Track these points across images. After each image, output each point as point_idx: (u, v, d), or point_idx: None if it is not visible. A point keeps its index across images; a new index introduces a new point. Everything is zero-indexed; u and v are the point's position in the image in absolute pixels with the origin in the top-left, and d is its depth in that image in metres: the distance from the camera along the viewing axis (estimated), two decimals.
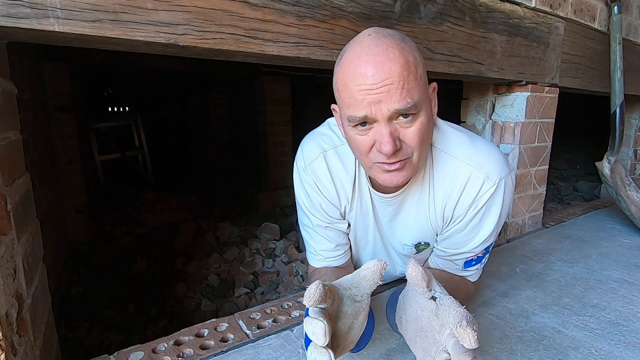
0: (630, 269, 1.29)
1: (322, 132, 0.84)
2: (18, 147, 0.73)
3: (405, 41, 0.62)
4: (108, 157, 4.02)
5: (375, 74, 0.58)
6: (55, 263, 1.81)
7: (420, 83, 0.61)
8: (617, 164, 1.72)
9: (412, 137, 0.63)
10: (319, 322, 0.51)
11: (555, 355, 0.82)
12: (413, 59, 0.60)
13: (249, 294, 1.90)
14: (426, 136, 0.65)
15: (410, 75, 0.59)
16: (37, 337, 0.71)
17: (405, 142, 0.64)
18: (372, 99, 0.59)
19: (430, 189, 0.77)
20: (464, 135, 0.77)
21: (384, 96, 0.59)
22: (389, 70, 0.58)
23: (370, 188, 0.81)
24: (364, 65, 0.59)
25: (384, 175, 0.67)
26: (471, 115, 1.65)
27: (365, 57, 0.59)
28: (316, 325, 0.51)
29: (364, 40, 0.62)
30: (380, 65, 0.58)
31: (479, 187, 0.72)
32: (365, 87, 0.59)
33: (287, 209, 3.39)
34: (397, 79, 0.58)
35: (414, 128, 0.62)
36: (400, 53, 0.59)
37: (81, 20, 0.62)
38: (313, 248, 0.91)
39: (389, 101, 0.59)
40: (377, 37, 0.61)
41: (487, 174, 0.72)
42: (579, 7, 1.54)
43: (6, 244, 0.60)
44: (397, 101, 0.59)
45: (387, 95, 0.58)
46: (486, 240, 0.79)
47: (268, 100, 3.41)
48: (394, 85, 0.58)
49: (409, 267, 0.58)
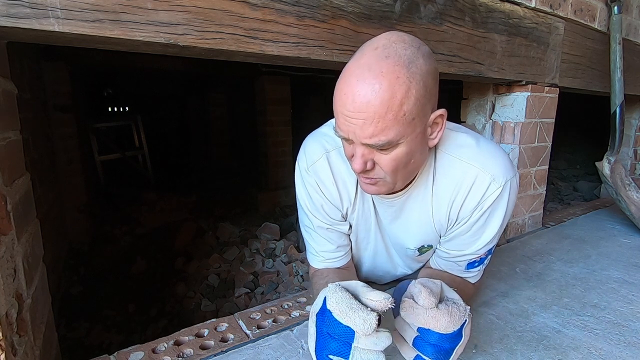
0: (630, 269, 1.29)
1: (325, 132, 0.83)
2: (18, 147, 0.73)
3: (410, 66, 0.57)
4: (108, 157, 4.02)
5: (353, 102, 0.58)
6: (55, 263, 1.81)
7: (402, 121, 0.58)
8: (617, 164, 1.72)
9: (385, 164, 0.64)
10: (369, 313, 0.54)
11: (555, 355, 0.82)
12: (402, 94, 0.56)
13: (249, 294, 1.90)
14: (403, 164, 0.65)
15: (388, 113, 0.57)
16: (37, 337, 0.71)
17: (380, 166, 0.65)
18: (348, 124, 0.60)
19: (433, 191, 0.77)
20: (468, 136, 0.76)
21: (357, 128, 0.59)
22: (367, 105, 0.57)
23: None
24: (349, 90, 0.59)
25: (361, 182, 0.71)
26: (471, 115, 1.65)
27: (353, 80, 0.58)
28: (368, 314, 0.54)
29: (365, 54, 0.59)
30: (360, 96, 0.57)
31: (485, 188, 0.72)
32: (344, 112, 0.60)
33: (287, 209, 3.39)
34: (372, 116, 0.57)
35: (389, 157, 0.63)
36: (389, 85, 0.56)
37: (81, 20, 0.62)
38: (314, 249, 0.91)
39: (361, 134, 0.60)
40: (379, 57, 0.57)
41: (493, 176, 0.71)
42: (579, 7, 1.54)
43: (6, 244, 0.60)
44: (367, 137, 0.59)
45: (361, 128, 0.59)
46: (490, 242, 0.79)
47: (268, 100, 3.41)
48: (367, 121, 0.58)
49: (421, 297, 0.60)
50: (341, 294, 0.57)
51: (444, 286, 0.65)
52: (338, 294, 0.57)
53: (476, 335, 0.89)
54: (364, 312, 0.54)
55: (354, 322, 0.54)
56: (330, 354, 0.57)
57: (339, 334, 0.56)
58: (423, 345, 0.60)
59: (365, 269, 1.03)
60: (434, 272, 0.91)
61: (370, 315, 0.53)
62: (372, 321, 0.53)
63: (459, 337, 0.61)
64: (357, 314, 0.54)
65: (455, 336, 0.60)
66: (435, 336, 0.59)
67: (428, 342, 0.60)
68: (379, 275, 1.06)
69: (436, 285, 0.63)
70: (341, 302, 0.56)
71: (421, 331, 0.60)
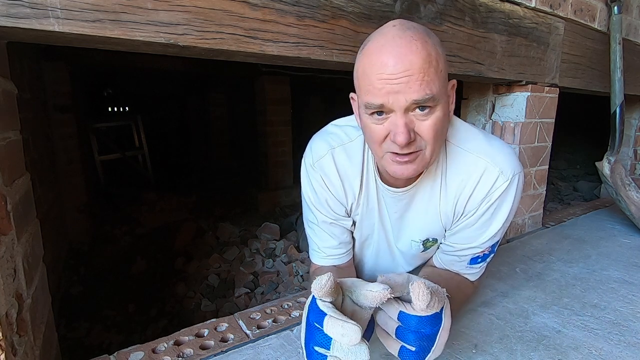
0: (630, 269, 1.29)
1: (330, 130, 0.85)
2: (18, 147, 0.73)
3: (430, 35, 0.63)
4: (108, 157, 4.02)
5: (396, 64, 0.59)
6: (55, 263, 1.81)
7: (440, 77, 0.62)
8: (617, 164, 1.72)
9: (427, 130, 0.63)
10: (351, 325, 0.52)
11: (555, 355, 0.82)
12: (435, 53, 0.61)
13: (249, 294, 1.90)
14: (440, 131, 0.66)
15: (430, 67, 0.60)
16: (37, 337, 0.71)
17: (420, 135, 0.64)
18: (390, 88, 0.60)
19: (442, 183, 0.78)
20: (478, 131, 0.78)
21: (402, 87, 0.59)
22: (410, 62, 0.59)
23: (381, 183, 0.80)
24: (386, 55, 0.60)
25: (394, 166, 0.68)
26: (471, 115, 1.65)
27: (387, 48, 0.60)
28: (348, 328, 0.52)
29: (388, 31, 0.62)
30: (402, 56, 0.59)
31: (493, 181, 0.73)
32: (384, 76, 0.60)
33: (287, 209, 3.39)
34: (418, 71, 0.59)
35: (430, 122, 0.63)
36: (423, 46, 0.60)
37: (81, 20, 0.62)
38: (316, 245, 0.92)
39: (408, 91, 0.59)
40: (402, 29, 0.61)
41: (501, 169, 0.73)
42: (579, 7, 1.54)
43: (6, 244, 0.60)
44: (415, 92, 0.59)
45: (406, 85, 0.59)
46: (495, 236, 0.79)
47: (268, 100, 3.41)
48: (414, 76, 0.59)
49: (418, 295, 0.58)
50: (329, 287, 0.56)
51: (410, 276, 0.65)
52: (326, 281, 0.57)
53: (476, 335, 0.89)
54: (341, 328, 0.53)
55: (335, 332, 0.54)
56: (315, 345, 0.57)
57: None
58: (405, 333, 0.60)
59: (367, 268, 1.03)
60: (434, 270, 0.91)
61: (350, 330, 0.53)
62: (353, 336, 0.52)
63: (438, 320, 0.60)
64: (341, 326, 0.53)
65: (435, 320, 0.60)
66: (414, 320, 0.59)
67: (409, 330, 0.59)
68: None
69: (401, 276, 0.64)
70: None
71: (401, 318, 0.60)
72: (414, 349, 0.60)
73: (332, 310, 0.55)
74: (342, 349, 0.53)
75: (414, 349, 0.60)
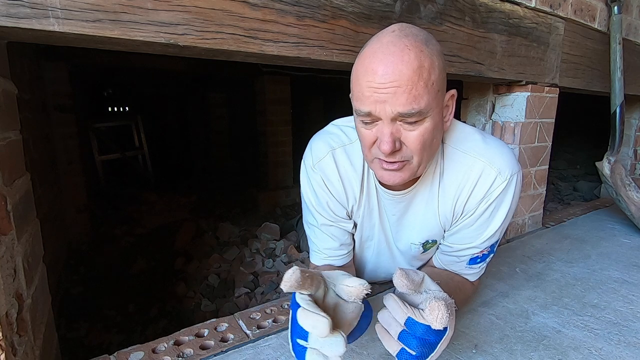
0: (630, 269, 1.29)
1: (331, 131, 0.84)
2: (18, 147, 0.73)
3: (428, 44, 0.61)
4: (108, 157, 4.02)
5: (385, 73, 0.59)
6: (55, 263, 1.81)
7: (431, 90, 0.61)
8: (617, 164, 1.72)
9: (413, 141, 0.63)
10: (320, 317, 0.51)
11: (555, 355, 0.82)
12: (429, 64, 0.60)
13: (249, 294, 1.90)
14: (429, 142, 0.65)
15: (420, 80, 0.59)
16: (37, 337, 0.71)
17: (406, 145, 0.64)
18: (377, 97, 0.60)
19: (440, 186, 0.78)
20: (475, 132, 0.78)
21: (389, 97, 0.59)
22: (399, 72, 0.58)
23: (379, 186, 0.80)
24: (376, 63, 0.60)
25: (381, 172, 0.68)
26: (471, 115, 1.65)
27: (379, 55, 0.60)
28: (316, 319, 0.51)
29: (385, 37, 0.62)
30: (391, 65, 0.58)
31: (491, 182, 0.73)
32: (373, 85, 0.60)
33: (287, 209, 3.39)
34: (406, 83, 0.58)
35: (417, 132, 0.62)
36: (416, 56, 0.59)
37: (81, 20, 0.62)
38: (316, 246, 0.91)
39: (394, 103, 0.59)
40: (399, 36, 0.61)
41: (499, 170, 0.73)
42: (579, 7, 1.54)
43: (6, 244, 0.60)
44: (401, 105, 0.59)
45: (393, 96, 0.59)
46: (493, 236, 0.79)
47: (268, 100, 3.41)
48: (401, 88, 0.58)
49: (395, 277, 0.60)
50: (294, 280, 0.56)
51: (426, 277, 0.65)
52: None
53: (476, 335, 0.89)
54: (310, 320, 0.53)
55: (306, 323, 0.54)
56: (297, 338, 0.57)
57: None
58: (408, 338, 0.60)
59: (367, 270, 1.03)
60: (434, 270, 0.91)
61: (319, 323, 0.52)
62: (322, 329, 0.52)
63: (444, 330, 0.60)
64: (309, 317, 0.53)
65: (441, 330, 0.59)
66: (422, 328, 0.58)
67: (414, 335, 0.59)
68: (382, 277, 1.07)
69: (418, 275, 0.63)
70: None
71: (409, 324, 0.59)
72: (414, 354, 0.60)
73: (306, 302, 0.55)
74: (318, 341, 0.53)
75: (415, 354, 0.60)
